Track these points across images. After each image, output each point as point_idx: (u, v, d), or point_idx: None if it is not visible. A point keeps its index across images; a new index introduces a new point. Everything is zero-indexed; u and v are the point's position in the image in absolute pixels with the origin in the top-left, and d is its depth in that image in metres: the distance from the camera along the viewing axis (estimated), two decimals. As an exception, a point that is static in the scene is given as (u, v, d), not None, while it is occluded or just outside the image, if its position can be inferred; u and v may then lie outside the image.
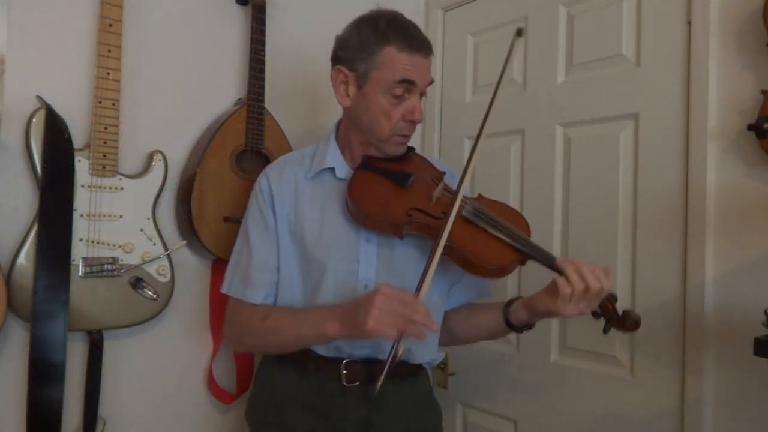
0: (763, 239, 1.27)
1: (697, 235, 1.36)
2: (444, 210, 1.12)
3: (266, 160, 1.58)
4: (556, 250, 1.64)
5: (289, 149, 1.63)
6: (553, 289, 1.07)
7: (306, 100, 1.81)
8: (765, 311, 1.10)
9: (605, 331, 1.11)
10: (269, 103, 1.59)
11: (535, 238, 1.67)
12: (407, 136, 1.20)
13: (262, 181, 1.26)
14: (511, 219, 1.17)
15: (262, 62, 1.57)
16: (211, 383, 1.60)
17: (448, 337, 1.31)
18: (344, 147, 1.26)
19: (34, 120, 1.30)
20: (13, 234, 1.32)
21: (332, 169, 1.23)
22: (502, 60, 1.80)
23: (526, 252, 1.11)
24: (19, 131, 1.32)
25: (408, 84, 1.13)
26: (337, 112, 1.29)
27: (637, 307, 1.46)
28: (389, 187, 1.17)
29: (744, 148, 1.30)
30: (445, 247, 1.10)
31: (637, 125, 1.49)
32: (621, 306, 1.13)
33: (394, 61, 1.12)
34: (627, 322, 1.08)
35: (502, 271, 1.12)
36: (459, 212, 1.12)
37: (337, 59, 1.20)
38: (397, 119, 1.15)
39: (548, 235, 1.66)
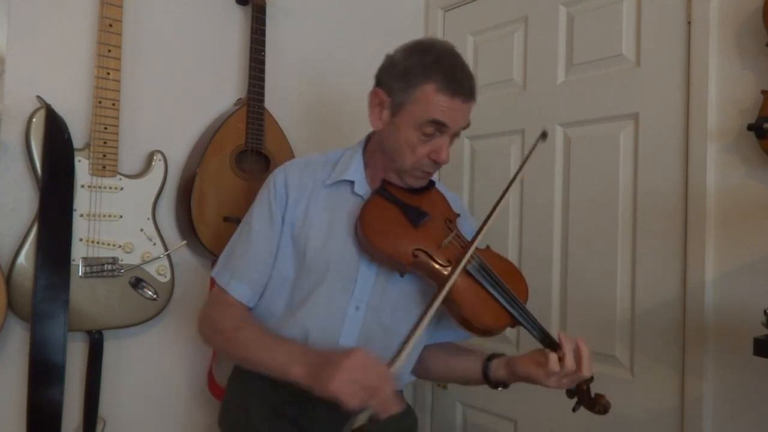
0: (763, 239, 1.27)
1: (697, 235, 1.36)
2: (450, 258, 1.11)
3: (266, 160, 1.58)
4: (556, 250, 1.64)
5: (289, 149, 1.63)
6: (540, 360, 1.07)
7: (306, 100, 1.81)
8: (765, 311, 1.10)
9: (574, 410, 1.10)
10: (269, 103, 1.59)
11: (536, 241, 1.69)
12: (429, 173, 1.18)
13: (279, 177, 1.22)
14: (513, 280, 1.16)
15: (262, 62, 1.57)
16: (211, 383, 1.60)
17: (421, 370, 1.28)
18: (369, 162, 1.23)
19: (34, 120, 1.30)
20: (13, 234, 1.33)
21: (351, 183, 1.20)
22: (502, 60, 1.81)
23: (518, 319, 1.11)
24: (19, 131, 1.32)
25: (439, 125, 1.10)
26: (337, 113, 1.29)
27: (637, 307, 1.46)
28: (402, 222, 1.14)
29: (744, 148, 1.30)
30: (444, 298, 1.09)
31: (637, 125, 1.49)
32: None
33: (430, 100, 1.09)
34: (596, 407, 1.07)
35: (490, 333, 1.12)
36: (465, 265, 1.10)
37: (378, 81, 1.17)
38: (422, 156, 1.12)
39: (548, 236, 1.66)
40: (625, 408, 1.47)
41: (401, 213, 1.15)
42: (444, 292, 1.05)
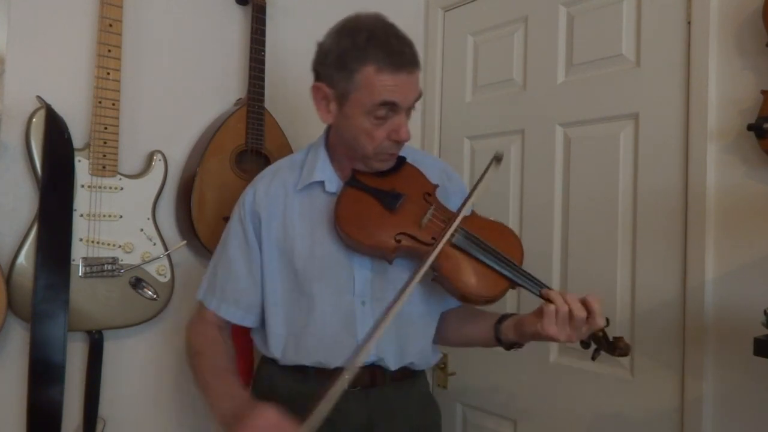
0: (763, 239, 1.27)
1: (697, 235, 1.36)
2: (433, 236, 1.09)
3: (266, 160, 1.58)
4: (556, 250, 1.64)
5: (289, 149, 1.63)
6: (540, 312, 1.05)
7: (306, 100, 1.79)
8: (765, 311, 1.10)
9: (593, 357, 1.09)
10: (269, 103, 1.59)
11: (536, 241, 1.69)
12: (394, 154, 1.14)
13: (248, 197, 1.22)
14: (504, 241, 1.13)
15: (262, 62, 1.57)
16: (211, 383, 1.60)
17: (439, 338, 1.29)
18: (334, 155, 1.21)
19: (34, 120, 1.30)
20: (13, 234, 1.33)
21: (322, 183, 1.18)
22: (502, 60, 1.81)
23: (515, 281, 1.09)
24: (19, 131, 1.32)
25: (390, 105, 1.05)
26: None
27: (637, 307, 1.46)
28: (377, 209, 1.12)
29: (744, 148, 1.30)
30: (433, 275, 1.09)
31: (637, 125, 1.49)
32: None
33: (374, 82, 1.03)
34: (616, 350, 1.05)
35: (492, 301, 1.10)
36: (449, 239, 1.08)
37: (317, 73, 1.13)
38: (382, 139, 1.08)
39: (548, 236, 1.66)
40: (625, 408, 1.47)
41: (375, 200, 1.13)
42: (417, 279, 1.03)
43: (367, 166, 1.15)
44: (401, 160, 1.19)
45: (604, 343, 1.07)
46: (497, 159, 1.14)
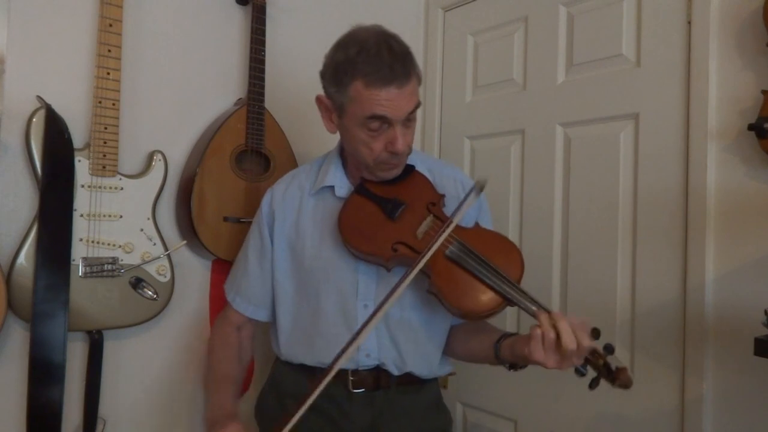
0: (763, 239, 1.27)
1: (697, 235, 1.36)
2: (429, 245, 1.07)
3: (266, 160, 1.58)
4: (556, 250, 1.64)
5: (289, 149, 1.63)
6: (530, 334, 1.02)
7: (306, 100, 1.80)
8: (765, 311, 1.11)
9: (591, 386, 0.99)
10: (269, 103, 1.59)
11: (536, 241, 1.69)
12: (395, 164, 1.13)
13: (265, 199, 1.29)
14: (504, 256, 1.09)
15: (262, 62, 1.57)
16: (211, 383, 1.60)
17: (450, 352, 1.29)
18: (348, 162, 1.24)
19: (34, 120, 1.30)
20: (13, 234, 1.33)
21: (332, 187, 1.21)
22: (502, 60, 1.81)
23: (510, 299, 1.04)
24: (19, 131, 1.32)
25: (381, 119, 1.05)
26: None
27: (637, 307, 1.46)
28: (378, 217, 1.13)
29: (744, 148, 1.30)
30: (428, 288, 1.08)
31: (637, 125, 1.49)
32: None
33: (363, 97, 1.03)
34: (616, 381, 0.97)
35: (485, 317, 1.08)
36: (442, 250, 1.07)
37: (323, 85, 1.15)
38: (379, 150, 1.09)
39: (548, 236, 1.66)
40: (625, 408, 1.47)
41: (378, 208, 1.14)
42: (404, 285, 1.01)
43: (372, 175, 1.16)
44: (410, 169, 1.18)
45: (604, 371, 0.99)
46: (480, 187, 1.11)
